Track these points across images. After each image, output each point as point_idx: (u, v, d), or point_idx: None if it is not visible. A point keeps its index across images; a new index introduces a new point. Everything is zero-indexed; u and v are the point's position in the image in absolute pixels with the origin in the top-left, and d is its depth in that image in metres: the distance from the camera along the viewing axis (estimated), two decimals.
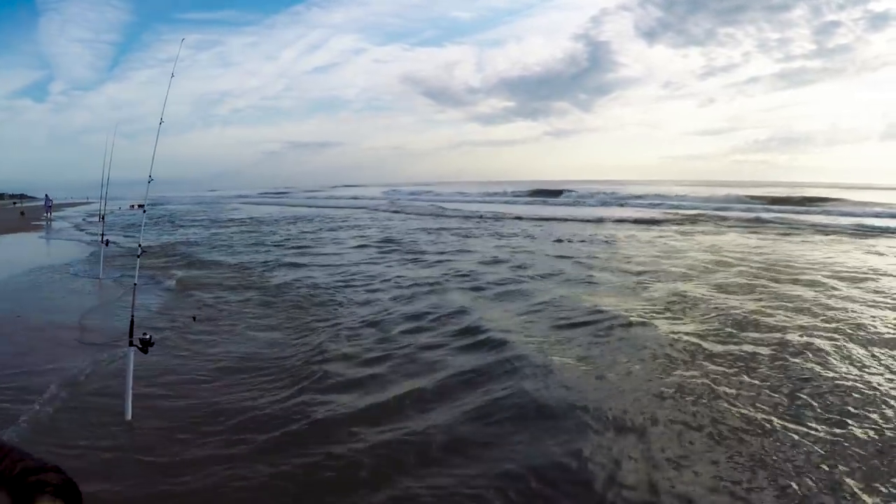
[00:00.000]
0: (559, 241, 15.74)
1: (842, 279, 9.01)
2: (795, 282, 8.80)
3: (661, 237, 16.63)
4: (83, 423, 4.11)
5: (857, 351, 5.40)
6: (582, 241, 15.46)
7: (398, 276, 9.93)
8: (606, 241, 15.57)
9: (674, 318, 6.60)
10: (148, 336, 4.09)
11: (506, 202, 41.02)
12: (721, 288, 8.32)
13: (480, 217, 26.69)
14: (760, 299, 7.56)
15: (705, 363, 5.09)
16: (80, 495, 0.67)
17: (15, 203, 60.08)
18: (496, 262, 11.41)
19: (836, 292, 8.01)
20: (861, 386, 4.49)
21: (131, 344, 4.13)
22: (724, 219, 23.04)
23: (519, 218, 25.79)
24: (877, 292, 8.03)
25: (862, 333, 5.94)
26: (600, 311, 6.78)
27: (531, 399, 4.27)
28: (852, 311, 6.86)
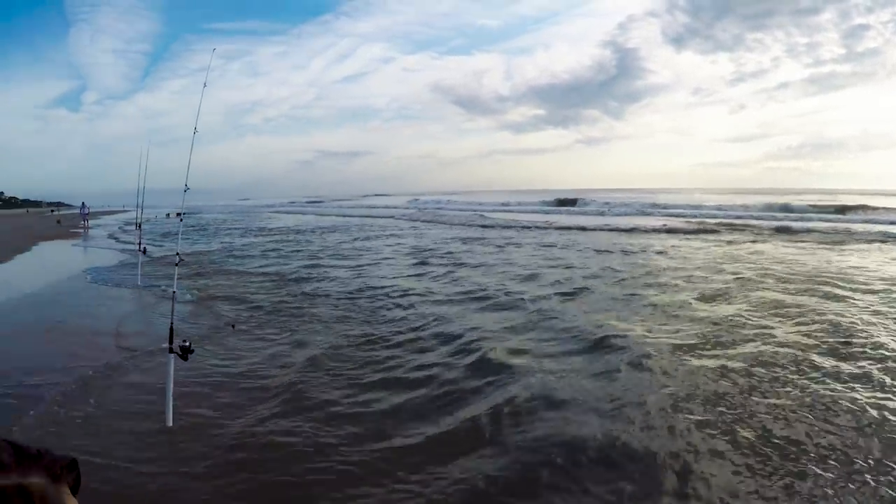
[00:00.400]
0: (600, 252, 15.33)
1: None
2: (846, 300, 8.38)
3: (700, 248, 16.14)
4: (124, 430, 4.12)
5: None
6: (622, 253, 14.99)
7: (431, 291, 9.67)
8: (643, 251, 15.17)
9: (727, 348, 6.17)
10: (188, 343, 4.06)
11: (537, 211, 40.68)
12: (775, 308, 7.76)
13: (520, 227, 26.34)
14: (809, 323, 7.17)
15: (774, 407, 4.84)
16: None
17: (52, 211, 62.41)
18: (531, 277, 10.90)
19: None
20: None
21: (171, 351, 4.10)
22: (762, 228, 22.34)
23: (557, 228, 25.36)
24: None
25: None
26: (630, 339, 6.29)
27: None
28: None
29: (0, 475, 0.56)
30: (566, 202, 46.86)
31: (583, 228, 24.59)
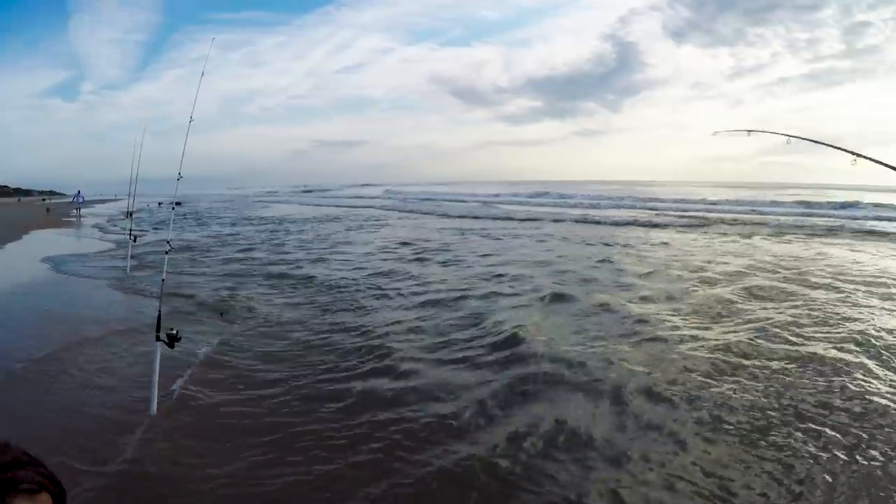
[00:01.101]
0: (590, 244, 15.22)
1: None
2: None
3: (677, 242, 16.05)
4: (105, 417, 4.13)
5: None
6: (601, 246, 14.91)
7: (393, 290, 9.23)
8: (620, 245, 15.06)
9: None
10: (175, 331, 4.07)
11: (521, 202, 40.56)
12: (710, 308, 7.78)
13: (508, 218, 26.32)
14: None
15: None
16: (64, 492, 0.65)
17: (44, 199, 62.04)
18: (496, 276, 10.51)
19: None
20: None
21: (158, 339, 4.11)
22: (762, 223, 21.96)
23: (531, 219, 25.24)
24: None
25: None
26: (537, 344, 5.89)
27: None
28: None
29: None
30: (552, 194, 46.64)
31: (560, 220, 24.30)
